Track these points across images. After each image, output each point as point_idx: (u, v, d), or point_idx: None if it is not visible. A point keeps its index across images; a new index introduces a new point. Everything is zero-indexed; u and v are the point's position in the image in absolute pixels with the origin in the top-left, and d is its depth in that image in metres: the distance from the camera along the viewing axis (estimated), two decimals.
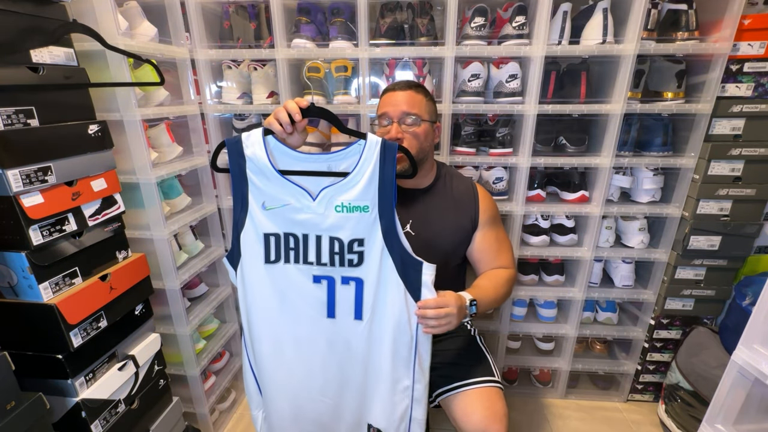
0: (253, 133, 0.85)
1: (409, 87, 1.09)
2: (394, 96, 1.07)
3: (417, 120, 1.06)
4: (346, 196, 0.85)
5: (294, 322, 0.93)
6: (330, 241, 0.88)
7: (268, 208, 0.87)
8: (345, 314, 0.92)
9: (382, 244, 0.87)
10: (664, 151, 1.42)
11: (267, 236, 0.89)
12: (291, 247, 0.89)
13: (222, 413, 1.65)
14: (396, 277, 0.89)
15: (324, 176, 0.86)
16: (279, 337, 0.95)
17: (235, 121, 1.58)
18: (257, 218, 0.88)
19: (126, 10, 1.19)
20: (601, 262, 1.62)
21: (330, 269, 0.89)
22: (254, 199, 0.87)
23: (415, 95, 1.07)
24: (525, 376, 1.85)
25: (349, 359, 0.95)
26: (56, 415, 0.94)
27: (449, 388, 1.07)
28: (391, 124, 1.06)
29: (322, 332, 0.93)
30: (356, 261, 0.88)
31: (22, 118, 0.83)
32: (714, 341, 1.43)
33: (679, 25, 1.29)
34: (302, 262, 0.90)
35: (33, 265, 0.86)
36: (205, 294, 1.61)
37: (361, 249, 0.88)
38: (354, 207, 0.85)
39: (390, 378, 0.94)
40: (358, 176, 0.84)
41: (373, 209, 0.86)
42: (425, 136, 1.09)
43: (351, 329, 0.92)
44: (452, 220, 1.15)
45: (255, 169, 0.85)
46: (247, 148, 0.85)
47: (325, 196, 0.85)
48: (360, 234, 0.87)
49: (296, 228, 0.88)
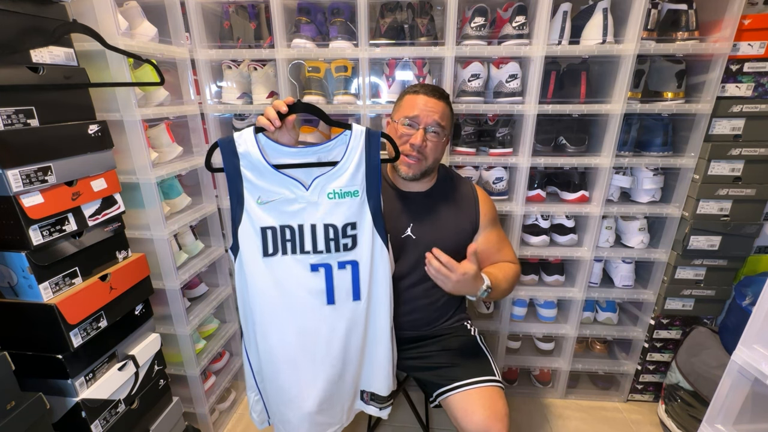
0: (244, 132, 0.89)
1: (442, 98, 1.08)
2: (427, 101, 1.06)
3: (443, 133, 1.08)
4: (337, 183, 0.91)
5: (296, 313, 0.97)
6: (324, 228, 0.92)
7: (264, 202, 0.90)
8: (344, 299, 0.97)
9: (371, 225, 0.94)
10: (664, 151, 1.42)
11: (264, 230, 0.92)
12: (287, 238, 0.93)
13: (222, 413, 1.65)
14: (386, 252, 0.97)
15: (315, 167, 0.91)
16: (283, 328, 0.97)
17: (235, 121, 1.58)
18: (253, 213, 0.91)
19: (126, 10, 1.19)
20: (601, 262, 1.62)
21: (326, 256, 0.94)
22: (249, 194, 0.90)
23: (446, 108, 1.09)
24: (525, 376, 1.85)
25: (351, 340, 1.00)
26: (56, 415, 0.94)
27: (450, 388, 1.07)
28: (417, 129, 1.06)
29: (323, 319, 0.97)
30: (350, 245, 0.94)
31: (22, 118, 0.83)
32: (714, 341, 1.43)
33: (679, 25, 1.29)
34: (299, 252, 0.94)
35: (33, 265, 0.86)
36: (205, 294, 1.61)
37: (354, 232, 0.94)
38: (345, 192, 0.91)
39: (388, 344, 1.03)
40: (347, 163, 0.90)
41: (362, 193, 0.92)
42: (442, 149, 1.11)
43: (351, 311, 0.98)
44: (453, 223, 1.15)
45: (249, 165, 0.89)
46: (240, 146, 0.88)
47: (317, 185, 0.90)
48: (352, 218, 0.93)
49: (291, 219, 0.92)
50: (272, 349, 0.99)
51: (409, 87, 1.13)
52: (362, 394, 1.10)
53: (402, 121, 1.07)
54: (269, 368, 1.01)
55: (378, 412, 1.10)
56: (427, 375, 1.14)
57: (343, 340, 0.99)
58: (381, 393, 1.08)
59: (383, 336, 1.02)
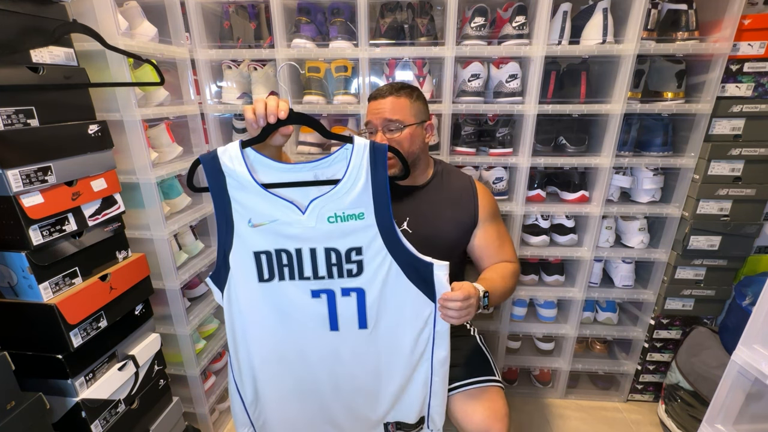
0: (229, 147, 0.79)
1: (390, 92, 1.07)
2: (376, 104, 1.07)
3: (400, 126, 1.06)
4: (339, 205, 0.81)
5: (297, 337, 0.91)
6: (326, 252, 0.84)
7: (255, 225, 0.81)
8: (348, 326, 0.90)
9: (384, 251, 0.84)
10: (664, 151, 1.42)
11: (257, 254, 0.84)
12: (284, 263, 0.85)
13: (222, 413, 1.65)
14: (405, 280, 0.86)
15: (311, 186, 0.81)
16: (283, 353, 0.93)
17: (234, 121, 1.58)
18: (245, 237, 0.83)
19: (126, 10, 1.19)
20: (601, 262, 1.62)
21: (328, 282, 0.86)
22: (239, 217, 0.82)
23: (396, 100, 1.06)
24: (525, 376, 1.85)
25: (358, 366, 0.94)
26: (56, 415, 0.94)
27: (450, 388, 1.06)
28: (375, 133, 1.06)
29: (327, 345, 0.92)
30: (355, 271, 0.85)
31: (22, 118, 0.83)
32: (714, 341, 1.43)
33: (679, 25, 1.29)
34: (298, 278, 0.86)
35: (33, 265, 0.86)
36: (205, 294, 1.60)
37: (359, 258, 0.84)
38: (348, 215, 0.81)
39: (405, 377, 0.94)
40: (349, 183, 0.80)
41: (369, 216, 0.82)
42: (411, 140, 1.08)
43: (356, 339, 0.91)
44: (450, 216, 1.14)
45: (236, 185, 0.80)
46: (225, 163, 0.79)
47: (315, 208, 0.81)
48: (357, 242, 0.83)
49: (288, 243, 0.83)
50: (273, 378, 0.95)
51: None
52: (386, 427, 1.02)
53: (364, 133, 1.10)
54: (272, 397, 0.96)
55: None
56: None
57: (350, 367, 0.94)
58: (408, 420, 1.00)
59: (400, 365, 0.93)
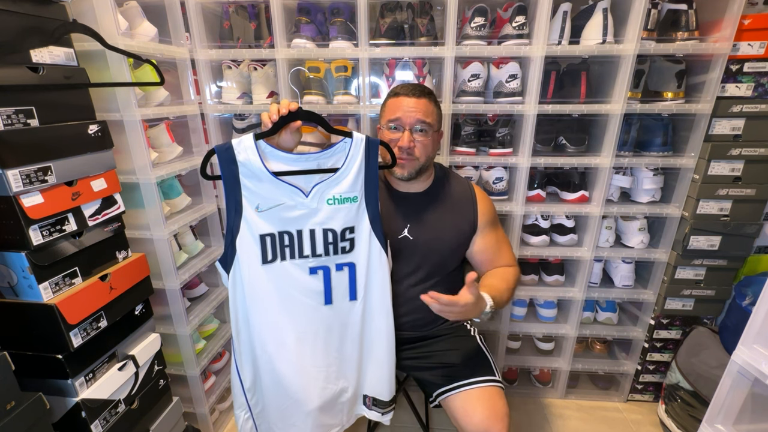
0: (244, 139, 0.88)
1: (423, 94, 1.07)
2: (409, 102, 1.05)
3: (431, 130, 1.07)
4: (337, 189, 0.93)
5: (294, 316, 0.98)
6: (323, 232, 0.94)
7: (263, 209, 0.91)
8: (341, 298, 1.00)
9: (369, 230, 0.97)
10: (664, 151, 1.42)
11: (263, 237, 0.92)
12: (286, 244, 0.94)
13: (222, 413, 1.65)
14: (384, 257, 0.99)
15: (314, 174, 0.92)
16: (281, 333, 0.98)
17: (235, 121, 1.58)
18: (252, 221, 0.91)
19: (126, 10, 1.19)
20: (601, 262, 1.62)
21: (325, 259, 0.96)
22: (248, 202, 0.90)
23: (429, 104, 1.07)
24: (525, 376, 1.85)
25: (347, 338, 1.03)
26: (56, 415, 0.94)
27: (450, 388, 1.07)
28: (402, 131, 1.05)
29: (321, 320, 1.00)
30: (348, 247, 0.97)
31: (22, 118, 0.83)
32: (714, 341, 1.43)
33: (679, 25, 1.29)
34: (298, 257, 0.95)
35: (33, 265, 0.86)
36: (205, 294, 1.61)
37: (352, 236, 0.96)
38: (345, 198, 0.94)
39: (387, 347, 1.04)
40: (347, 170, 0.93)
41: (361, 199, 0.95)
42: (434, 145, 1.11)
43: (347, 311, 1.01)
44: (450, 223, 1.15)
45: (248, 173, 0.88)
46: (240, 153, 0.87)
47: (317, 191, 0.92)
48: (351, 222, 0.95)
49: (290, 225, 0.93)
50: (271, 358, 0.98)
51: (390, 90, 1.12)
52: (365, 399, 1.11)
53: (387, 126, 1.08)
54: (269, 378, 1.00)
55: (380, 417, 1.11)
56: (427, 375, 1.14)
57: (340, 338, 1.02)
58: (382, 397, 1.08)
59: (380, 337, 1.04)
